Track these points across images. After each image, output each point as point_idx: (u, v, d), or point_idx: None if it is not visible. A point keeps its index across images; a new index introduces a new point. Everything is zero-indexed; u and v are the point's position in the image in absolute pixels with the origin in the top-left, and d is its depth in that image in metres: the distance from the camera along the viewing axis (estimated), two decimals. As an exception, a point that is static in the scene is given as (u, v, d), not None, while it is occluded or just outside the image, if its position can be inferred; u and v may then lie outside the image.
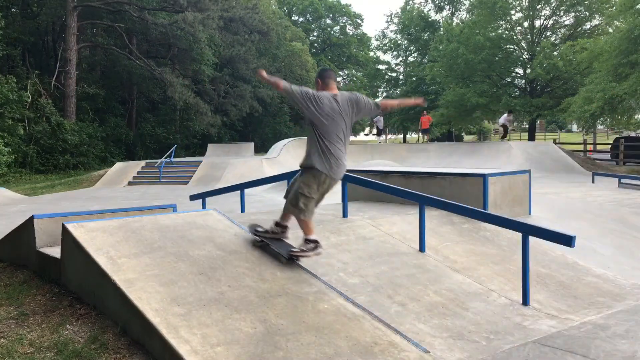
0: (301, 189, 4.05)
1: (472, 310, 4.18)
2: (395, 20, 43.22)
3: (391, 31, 44.49)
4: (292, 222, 4.39)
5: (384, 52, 45.37)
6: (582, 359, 3.34)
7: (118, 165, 19.67)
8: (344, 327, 3.50)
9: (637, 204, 9.80)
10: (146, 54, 29.84)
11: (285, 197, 4.33)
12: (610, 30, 22.12)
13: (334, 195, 11.04)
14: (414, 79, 39.46)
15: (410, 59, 42.79)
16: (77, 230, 4.13)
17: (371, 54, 50.68)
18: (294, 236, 4.51)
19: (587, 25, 26.11)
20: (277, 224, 4.43)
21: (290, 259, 4.20)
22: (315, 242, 4.14)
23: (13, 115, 20.55)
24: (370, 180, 6.29)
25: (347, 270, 4.62)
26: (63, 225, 4.22)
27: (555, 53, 24.21)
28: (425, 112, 27.56)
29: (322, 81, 4.14)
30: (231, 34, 31.15)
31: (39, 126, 22.24)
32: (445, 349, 3.52)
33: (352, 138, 65.35)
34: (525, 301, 4.42)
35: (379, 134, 28.83)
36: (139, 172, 18.82)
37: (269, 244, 4.39)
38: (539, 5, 25.50)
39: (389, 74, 44.54)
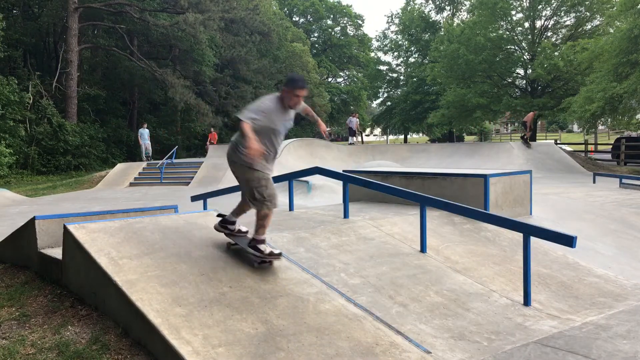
0: None
1: (473, 310, 4.17)
2: (396, 21, 43.23)
3: (392, 32, 44.46)
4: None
5: (385, 52, 45.35)
6: (584, 359, 3.33)
7: (119, 166, 19.69)
8: (345, 327, 3.50)
9: (638, 204, 9.77)
10: (147, 55, 29.87)
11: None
12: (611, 30, 22.10)
13: (335, 195, 11.01)
14: (414, 79, 39.46)
15: (411, 59, 42.78)
16: (79, 231, 4.14)
17: (372, 54, 50.60)
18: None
19: (588, 26, 26.11)
20: None
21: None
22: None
23: (14, 116, 20.59)
24: (371, 180, 6.29)
25: (348, 271, 4.62)
26: (64, 227, 4.22)
27: (556, 53, 24.19)
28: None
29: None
30: (232, 35, 31.17)
31: (40, 127, 22.27)
32: (446, 349, 3.52)
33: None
34: (527, 301, 4.42)
35: (351, 134, 26.01)
36: (140, 173, 18.84)
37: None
38: (540, 6, 25.50)
39: (390, 74, 44.54)
